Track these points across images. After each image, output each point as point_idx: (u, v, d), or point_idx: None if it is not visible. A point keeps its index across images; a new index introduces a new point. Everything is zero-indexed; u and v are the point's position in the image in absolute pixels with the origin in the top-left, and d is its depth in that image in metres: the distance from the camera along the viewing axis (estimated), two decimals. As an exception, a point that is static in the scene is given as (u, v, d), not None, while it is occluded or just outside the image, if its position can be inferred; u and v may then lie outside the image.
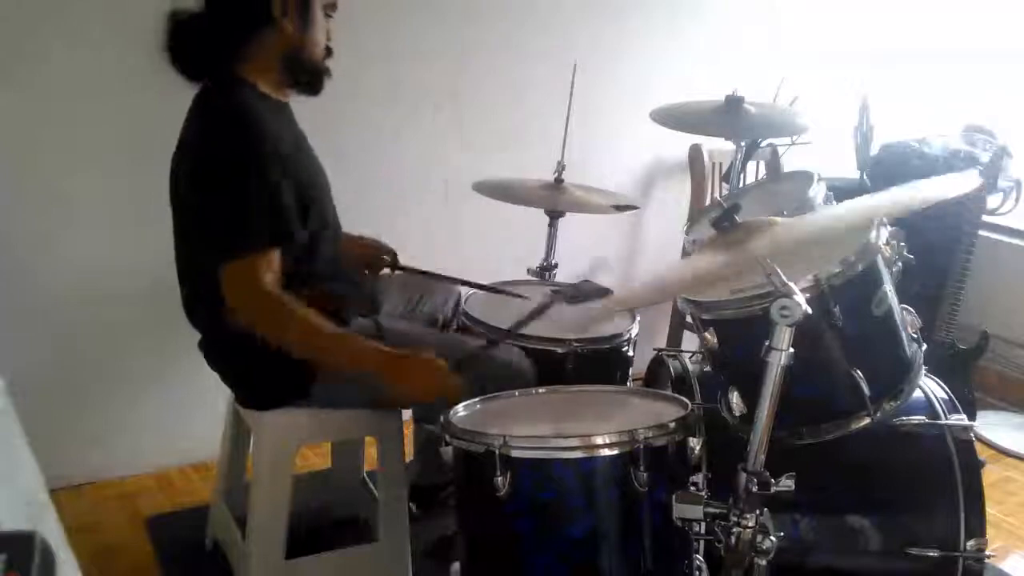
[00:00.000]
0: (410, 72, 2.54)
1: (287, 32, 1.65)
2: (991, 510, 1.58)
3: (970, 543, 1.54)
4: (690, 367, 1.80)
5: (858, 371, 1.40)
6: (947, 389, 1.68)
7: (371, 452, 2.12)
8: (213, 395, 1.94)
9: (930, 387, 1.67)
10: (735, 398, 1.52)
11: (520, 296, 2.08)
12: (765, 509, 1.30)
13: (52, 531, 0.82)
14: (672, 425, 1.38)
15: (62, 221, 2.19)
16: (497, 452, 1.31)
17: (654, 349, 1.97)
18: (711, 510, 1.32)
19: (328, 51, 1.74)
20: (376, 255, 2.07)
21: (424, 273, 2.09)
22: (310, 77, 1.73)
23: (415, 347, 1.63)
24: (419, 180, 2.62)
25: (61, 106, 2.12)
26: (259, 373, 1.73)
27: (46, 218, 2.17)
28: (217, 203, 1.57)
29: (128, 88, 2.14)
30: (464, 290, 2.09)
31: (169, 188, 1.71)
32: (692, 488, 1.41)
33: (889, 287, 1.44)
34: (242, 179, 1.55)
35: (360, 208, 1.99)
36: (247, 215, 1.55)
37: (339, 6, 1.75)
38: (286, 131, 1.70)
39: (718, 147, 2.89)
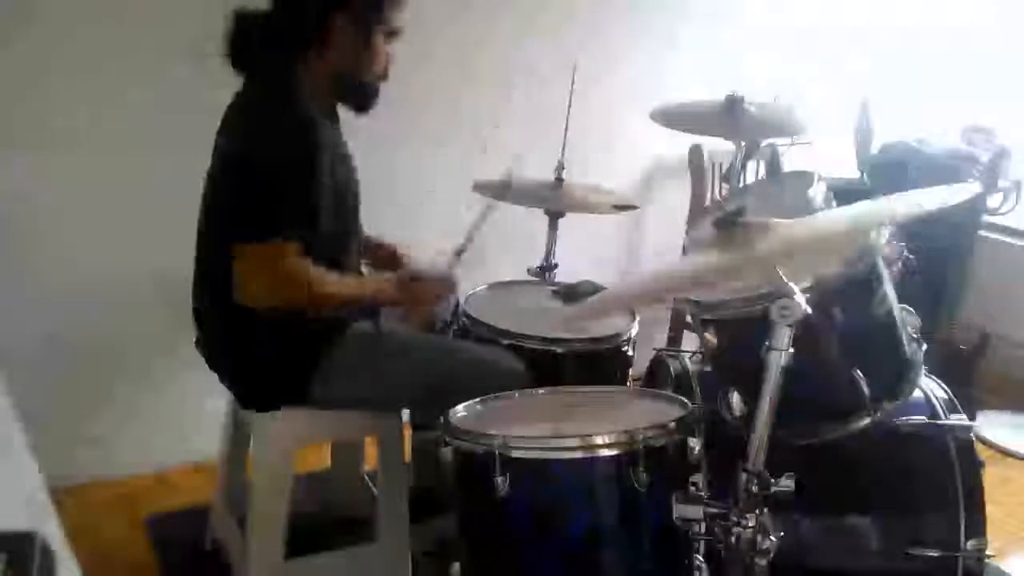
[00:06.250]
0: (409, 72, 2.53)
1: (341, 52, 1.67)
2: (991, 510, 1.58)
3: (970, 543, 1.54)
4: (690, 367, 1.80)
5: (858, 371, 1.40)
6: (947, 389, 1.68)
7: (371, 452, 2.12)
8: (213, 395, 1.94)
9: (930, 387, 1.67)
10: (735, 398, 1.52)
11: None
12: (765, 509, 1.30)
13: (52, 531, 0.82)
14: (672, 425, 1.38)
15: (64, 220, 2.19)
16: (497, 452, 1.31)
17: (654, 349, 1.97)
18: (711, 510, 1.32)
19: (384, 74, 1.75)
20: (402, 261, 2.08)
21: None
22: (358, 98, 1.75)
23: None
24: (418, 180, 2.61)
25: (66, 103, 2.12)
26: (259, 373, 1.73)
27: (47, 217, 2.17)
28: (255, 191, 1.58)
29: (137, 88, 2.14)
30: (464, 291, 2.09)
31: (205, 188, 1.72)
32: (692, 488, 1.41)
33: (889, 287, 1.44)
34: (285, 176, 1.57)
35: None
36: (281, 207, 1.58)
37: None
38: (331, 137, 1.72)
39: (718, 147, 2.88)
